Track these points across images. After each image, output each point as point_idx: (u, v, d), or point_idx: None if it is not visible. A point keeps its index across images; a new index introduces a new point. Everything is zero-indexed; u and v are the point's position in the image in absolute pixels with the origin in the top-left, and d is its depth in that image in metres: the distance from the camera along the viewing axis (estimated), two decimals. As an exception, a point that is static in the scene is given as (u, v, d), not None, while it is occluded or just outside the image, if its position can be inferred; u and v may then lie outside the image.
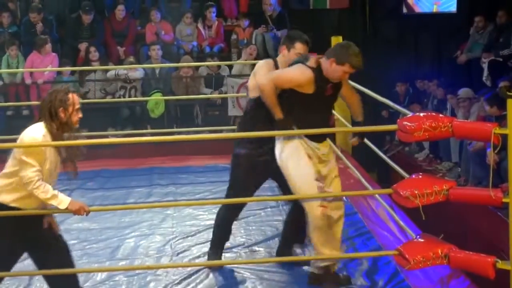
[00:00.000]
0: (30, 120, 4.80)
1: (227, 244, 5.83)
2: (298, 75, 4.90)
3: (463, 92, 9.77)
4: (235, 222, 6.13)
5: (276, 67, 5.29)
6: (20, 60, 10.94)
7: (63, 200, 4.41)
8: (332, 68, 4.85)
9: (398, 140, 10.21)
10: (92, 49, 11.12)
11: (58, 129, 4.43)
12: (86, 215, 4.51)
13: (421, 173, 4.90)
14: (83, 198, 7.34)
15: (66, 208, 4.42)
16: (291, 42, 5.22)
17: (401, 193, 4.52)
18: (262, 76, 5.12)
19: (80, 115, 4.55)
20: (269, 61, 5.39)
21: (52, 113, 4.43)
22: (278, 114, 4.96)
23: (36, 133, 4.38)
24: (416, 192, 4.48)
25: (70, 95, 4.47)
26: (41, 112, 4.48)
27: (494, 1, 11.65)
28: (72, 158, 4.54)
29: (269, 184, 7.83)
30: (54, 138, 4.41)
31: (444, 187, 4.51)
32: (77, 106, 4.52)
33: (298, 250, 5.79)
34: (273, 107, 4.96)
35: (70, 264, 4.68)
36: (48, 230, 4.58)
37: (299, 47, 5.19)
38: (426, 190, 4.49)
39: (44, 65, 10.73)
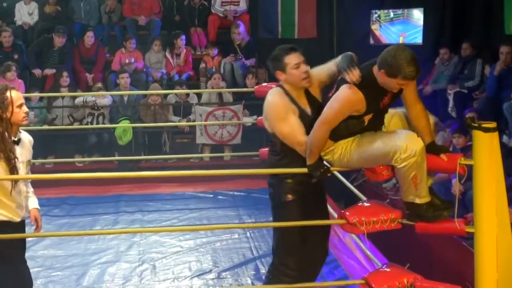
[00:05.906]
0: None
1: (195, 271, 5.78)
2: (348, 104, 4.25)
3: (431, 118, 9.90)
4: (201, 250, 6.07)
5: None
6: None
7: None
8: (384, 81, 4.19)
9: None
10: (65, 74, 11.06)
11: (3, 130, 4.23)
12: None
13: (370, 201, 4.90)
14: (49, 225, 7.29)
15: None
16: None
17: (349, 219, 4.53)
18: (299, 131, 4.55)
19: (26, 110, 4.32)
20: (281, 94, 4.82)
21: None
22: (313, 159, 4.38)
23: None
24: (363, 219, 4.49)
25: (7, 94, 4.29)
26: None
27: (459, 34, 11.84)
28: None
29: (236, 212, 7.91)
30: (1, 140, 4.25)
31: (390, 216, 4.52)
32: (19, 103, 4.32)
33: None
34: (312, 154, 4.38)
35: None
36: None
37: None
38: (373, 218, 4.50)
39: (11, 92, 10.63)
